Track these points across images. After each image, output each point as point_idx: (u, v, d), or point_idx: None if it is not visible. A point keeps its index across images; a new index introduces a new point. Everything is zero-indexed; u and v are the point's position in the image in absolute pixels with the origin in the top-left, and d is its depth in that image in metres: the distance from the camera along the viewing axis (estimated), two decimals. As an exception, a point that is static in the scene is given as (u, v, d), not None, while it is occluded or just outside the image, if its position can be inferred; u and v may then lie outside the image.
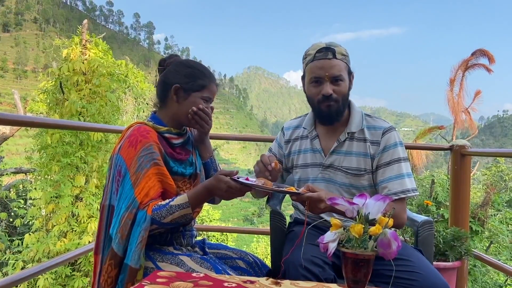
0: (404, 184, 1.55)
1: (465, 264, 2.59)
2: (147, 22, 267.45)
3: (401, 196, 1.54)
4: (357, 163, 1.61)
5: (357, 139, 1.63)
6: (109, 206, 1.45)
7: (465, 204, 2.67)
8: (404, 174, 1.56)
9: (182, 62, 1.58)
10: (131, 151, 1.40)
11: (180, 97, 1.52)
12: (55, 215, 6.46)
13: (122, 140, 1.46)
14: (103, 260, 1.41)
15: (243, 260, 1.56)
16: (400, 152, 1.59)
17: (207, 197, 1.41)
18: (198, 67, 1.56)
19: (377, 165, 1.59)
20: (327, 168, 1.65)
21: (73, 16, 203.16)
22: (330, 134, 1.68)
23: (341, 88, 1.58)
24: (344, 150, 1.63)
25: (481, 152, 3.29)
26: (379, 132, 1.61)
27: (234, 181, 1.34)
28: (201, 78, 1.53)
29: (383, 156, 1.59)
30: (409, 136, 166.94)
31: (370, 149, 1.60)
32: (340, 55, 1.57)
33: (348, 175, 1.62)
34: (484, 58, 7.31)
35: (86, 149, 6.57)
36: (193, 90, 1.51)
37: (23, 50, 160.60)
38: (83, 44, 7.17)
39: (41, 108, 9.53)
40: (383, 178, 1.58)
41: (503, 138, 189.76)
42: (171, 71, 1.55)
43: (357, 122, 1.64)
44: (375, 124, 1.64)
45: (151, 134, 1.45)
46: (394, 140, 1.60)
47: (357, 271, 1.03)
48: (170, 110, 1.54)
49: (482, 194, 6.86)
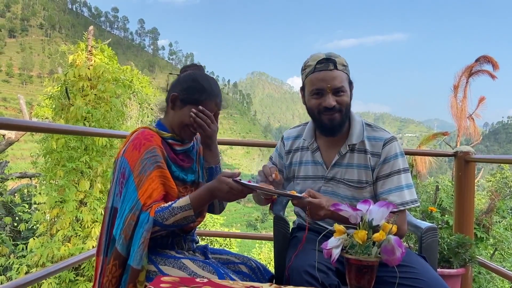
0: (403, 196, 1.54)
1: (469, 271, 2.57)
2: (152, 28, 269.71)
3: (400, 209, 1.53)
4: (358, 176, 1.60)
5: (358, 150, 1.62)
6: (111, 208, 1.47)
7: (469, 210, 2.66)
8: (403, 186, 1.56)
9: (191, 75, 1.57)
10: (135, 153, 1.42)
11: (176, 106, 1.54)
12: (59, 220, 6.49)
13: (127, 143, 1.48)
14: (105, 261, 1.42)
15: (245, 265, 1.57)
16: (400, 163, 1.58)
17: (210, 199, 1.41)
18: (202, 82, 1.54)
19: (377, 177, 1.59)
20: (330, 181, 1.65)
21: (79, 22, 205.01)
22: (331, 146, 1.66)
23: (344, 99, 1.56)
24: (346, 163, 1.62)
25: (485, 159, 3.28)
26: (380, 144, 1.60)
27: (236, 182, 1.35)
28: (199, 92, 1.53)
29: (384, 167, 1.58)
30: (413, 142, 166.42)
31: (370, 161, 1.59)
32: (341, 66, 1.56)
33: (351, 188, 1.61)
34: (488, 64, 7.30)
35: (91, 154, 6.61)
36: (189, 102, 1.52)
37: (29, 56, 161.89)
38: (89, 50, 7.23)
39: (46, 113, 9.58)
40: (382, 190, 1.57)
41: (507, 145, 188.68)
42: (179, 80, 1.58)
43: (357, 133, 1.62)
44: (375, 134, 1.63)
45: (155, 138, 1.47)
46: (395, 151, 1.58)
47: (360, 278, 1.03)
48: (169, 117, 1.57)
49: (486, 200, 6.82)
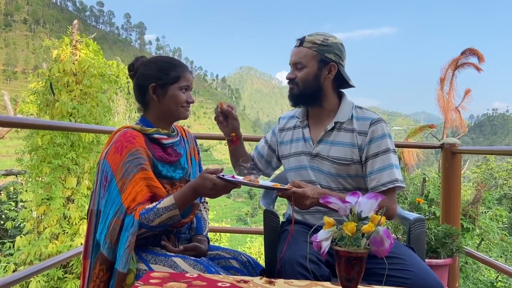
0: (392, 174, 1.55)
1: (456, 261, 2.61)
2: (138, 22, 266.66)
3: (389, 187, 1.54)
4: (344, 153, 1.61)
5: (345, 129, 1.63)
6: (97, 211, 1.44)
7: (456, 201, 2.69)
8: (393, 164, 1.57)
9: (149, 60, 1.56)
10: (117, 157, 1.39)
11: (159, 94, 1.51)
12: (46, 217, 6.40)
13: (109, 145, 1.45)
14: (92, 265, 1.40)
15: (236, 260, 1.56)
16: (388, 143, 1.59)
17: (194, 197, 1.40)
18: (167, 60, 1.55)
19: (366, 157, 1.59)
20: (315, 157, 1.66)
21: (63, 17, 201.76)
22: (320, 124, 1.69)
23: (301, 74, 1.62)
24: (331, 140, 1.64)
25: (471, 150, 3.33)
26: (367, 123, 1.61)
27: (220, 178, 1.34)
28: (173, 69, 1.51)
29: (371, 147, 1.58)
30: (401, 134, 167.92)
31: (357, 139, 1.60)
32: (310, 44, 1.61)
33: (335, 165, 1.61)
34: (474, 57, 7.37)
35: (77, 150, 6.52)
36: (169, 83, 1.50)
37: (13, 51, 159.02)
38: (74, 45, 7.11)
39: (31, 110, 9.42)
40: (372, 169, 1.58)
41: (492, 136, 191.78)
42: (142, 73, 1.54)
43: (345, 112, 1.65)
44: (364, 115, 1.65)
45: (138, 139, 1.44)
46: (382, 131, 1.59)
47: (350, 269, 1.04)
48: (154, 111, 1.54)
49: (472, 191, 6.92)
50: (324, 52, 1.61)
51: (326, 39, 1.62)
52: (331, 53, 1.61)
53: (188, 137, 1.72)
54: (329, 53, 1.61)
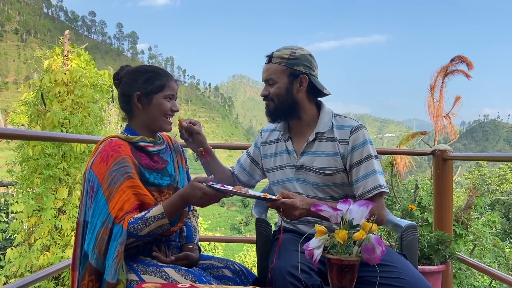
0: (376, 180, 1.56)
1: (450, 268, 2.61)
2: (131, 31, 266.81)
3: (374, 193, 1.55)
4: (328, 163, 1.62)
5: (326, 139, 1.65)
6: (84, 222, 1.43)
7: (448, 208, 2.70)
8: (376, 170, 1.58)
9: (135, 70, 1.57)
10: (103, 166, 1.39)
11: (144, 103, 1.51)
12: (37, 229, 6.34)
13: (95, 155, 1.45)
14: (80, 276, 1.38)
15: (229, 269, 1.55)
16: (370, 149, 1.60)
17: (183, 205, 1.39)
18: (152, 69, 1.56)
19: (350, 165, 1.61)
20: (300, 169, 1.67)
21: (55, 27, 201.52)
22: (302, 136, 1.71)
23: (274, 89, 1.64)
24: (313, 151, 1.65)
25: (462, 156, 3.35)
26: (347, 131, 1.63)
27: (209, 187, 1.33)
28: (158, 78, 1.52)
29: (354, 155, 1.60)
30: (393, 141, 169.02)
31: (339, 148, 1.62)
32: (278, 59, 1.64)
33: (320, 175, 1.63)
34: (463, 64, 7.44)
35: (68, 161, 6.48)
36: (154, 92, 1.51)
37: (4, 62, 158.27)
38: (65, 55, 7.11)
39: (22, 120, 9.37)
40: (357, 177, 1.59)
41: (484, 143, 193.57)
42: (127, 82, 1.54)
43: (325, 122, 1.66)
44: (344, 123, 1.66)
45: (123, 148, 1.43)
46: (363, 138, 1.61)
47: (342, 277, 1.04)
48: (139, 120, 1.54)
49: (465, 197, 6.95)
50: (293, 65, 1.63)
51: (294, 52, 1.64)
52: (300, 65, 1.63)
53: (175, 145, 1.72)
54: (298, 65, 1.63)
